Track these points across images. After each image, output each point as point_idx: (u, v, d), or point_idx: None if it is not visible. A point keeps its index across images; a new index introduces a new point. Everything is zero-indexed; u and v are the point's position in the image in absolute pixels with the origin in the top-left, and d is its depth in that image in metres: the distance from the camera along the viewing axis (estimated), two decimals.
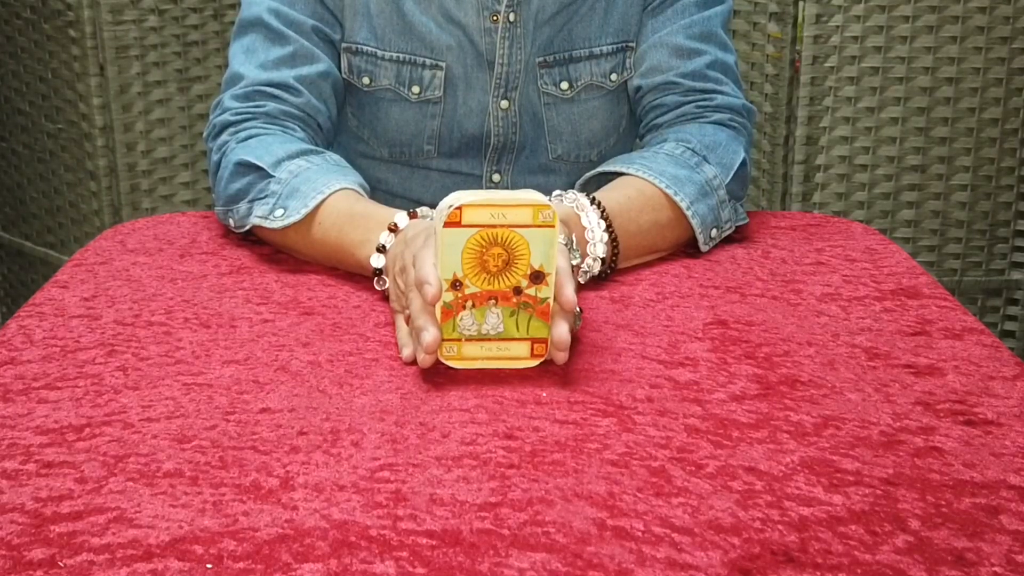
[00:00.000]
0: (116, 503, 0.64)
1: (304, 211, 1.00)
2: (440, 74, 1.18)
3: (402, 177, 1.25)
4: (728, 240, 1.12)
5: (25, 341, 0.87)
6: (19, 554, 0.59)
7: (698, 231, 1.07)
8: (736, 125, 1.17)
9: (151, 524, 0.62)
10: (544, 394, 0.78)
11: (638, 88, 1.21)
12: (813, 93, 1.87)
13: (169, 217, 1.20)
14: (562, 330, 0.81)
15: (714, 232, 1.09)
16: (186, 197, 2.05)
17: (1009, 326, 2.03)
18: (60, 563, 0.59)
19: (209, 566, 0.58)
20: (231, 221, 1.09)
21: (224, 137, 1.11)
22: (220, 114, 1.13)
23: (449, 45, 1.17)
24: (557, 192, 1.02)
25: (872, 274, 1.03)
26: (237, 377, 0.81)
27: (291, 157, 1.05)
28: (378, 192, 1.29)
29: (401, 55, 1.17)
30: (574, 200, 1.00)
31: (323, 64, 1.15)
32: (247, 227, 1.06)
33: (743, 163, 1.13)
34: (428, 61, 1.17)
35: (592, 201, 1.00)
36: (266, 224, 1.03)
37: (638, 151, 1.16)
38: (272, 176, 1.04)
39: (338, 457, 0.69)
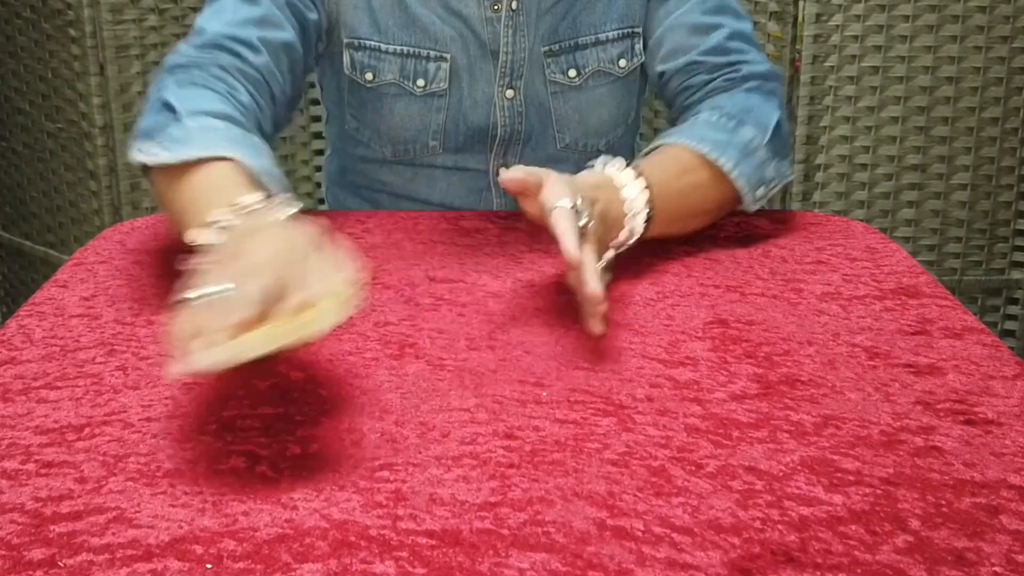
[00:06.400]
0: (116, 503, 0.64)
1: (183, 157, 0.90)
2: (445, 66, 1.17)
3: (406, 178, 1.24)
4: (728, 239, 1.12)
5: (25, 341, 0.87)
6: (19, 554, 0.59)
7: (744, 192, 1.06)
8: (766, 90, 1.16)
9: (151, 524, 0.62)
10: (544, 394, 0.78)
11: (662, 74, 1.19)
12: (813, 92, 1.87)
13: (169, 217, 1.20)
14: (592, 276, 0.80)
15: (761, 191, 1.08)
16: None
17: (1009, 326, 2.03)
18: (60, 563, 0.59)
19: (209, 566, 0.58)
20: (135, 158, 0.98)
21: (166, 76, 1.03)
22: (171, 56, 1.05)
23: (452, 36, 1.16)
24: (599, 160, 0.99)
25: (872, 273, 1.03)
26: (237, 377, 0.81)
27: (212, 115, 0.96)
28: (382, 194, 1.28)
29: (405, 48, 1.16)
30: (605, 162, 0.97)
31: (289, 35, 1.10)
32: (138, 163, 0.97)
33: (779, 123, 1.12)
34: (432, 53, 1.17)
35: (626, 165, 0.98)
36: (140, 157, 0.95)
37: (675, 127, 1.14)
38: (181, 123, 0.95)
39: (338, 457, 0.69)
